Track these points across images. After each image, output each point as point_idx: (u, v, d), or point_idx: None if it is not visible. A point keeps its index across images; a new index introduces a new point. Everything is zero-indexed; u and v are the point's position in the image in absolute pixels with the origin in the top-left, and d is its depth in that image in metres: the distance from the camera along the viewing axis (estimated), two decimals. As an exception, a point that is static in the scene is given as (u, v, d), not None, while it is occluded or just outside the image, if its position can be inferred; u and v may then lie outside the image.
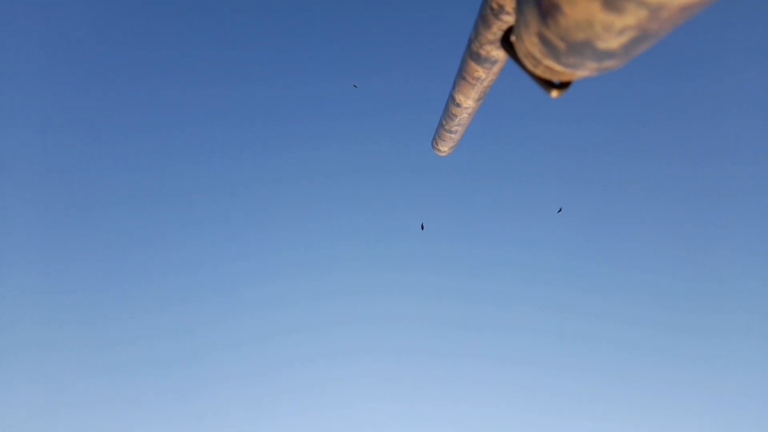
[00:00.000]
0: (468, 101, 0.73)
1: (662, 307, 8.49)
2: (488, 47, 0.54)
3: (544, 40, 0.32)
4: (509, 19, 0.46)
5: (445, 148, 1.03)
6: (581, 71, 0.34)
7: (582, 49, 0.29)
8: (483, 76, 0.63)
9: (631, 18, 0.23)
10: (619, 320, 8.70)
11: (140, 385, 8.84)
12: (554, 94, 0.40)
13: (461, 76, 0.67)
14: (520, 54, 0.40)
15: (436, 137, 1.01)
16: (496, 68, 0.60)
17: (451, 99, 0.78)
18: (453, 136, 0.93)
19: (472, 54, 0.59)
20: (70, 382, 8.52)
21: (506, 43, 0.44)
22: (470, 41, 0.57)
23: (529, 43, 0.36)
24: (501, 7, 0.45)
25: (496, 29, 0.49)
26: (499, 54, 0.56)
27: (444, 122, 0.90)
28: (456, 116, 0.82)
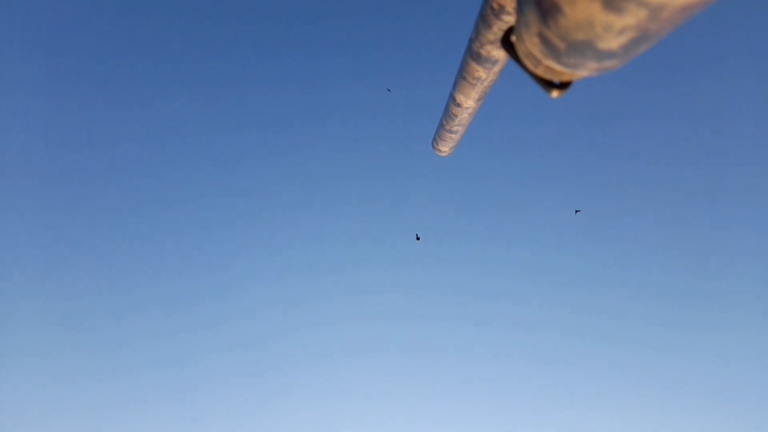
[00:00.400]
0: (468, 101, 0.73)
1: (663, 304, 8.48)
2: (489, 47, 0.54)
3: (545, 40, 0.32)
4: (510, 19, 0.46)
5: (445, 148, 1.03)
6: (581, 71, 0.34)
7: (582, 49, 0.29)
8: (483, 76, 0.63)
9: (631, 18, 0.23)
10: (620, 316, 8.69)
11: (142, 385, 8.84)
12: (554, 94, 0.40)
13: (462, 76, 0.67)
14: (521, 54, 0.40)
15: (437, 137, 1.01)
16: (496, 68, 0.61)
17: (452, 99, 0.78)
18: (453, 136, 0.93)
19: (472, 54, 0.59)
20: (72, 384, 8.54)
21: (507, 43, 0.44)
22: (471, 41, 0.57)
23: (529, 43, 0.36)
24: (501, 7, 0.45)
25: (497, 29, 0.49)
26: (499, 54, 0.56)
27: (444, 122, 0.90)
28: (456, 116, 0.82)
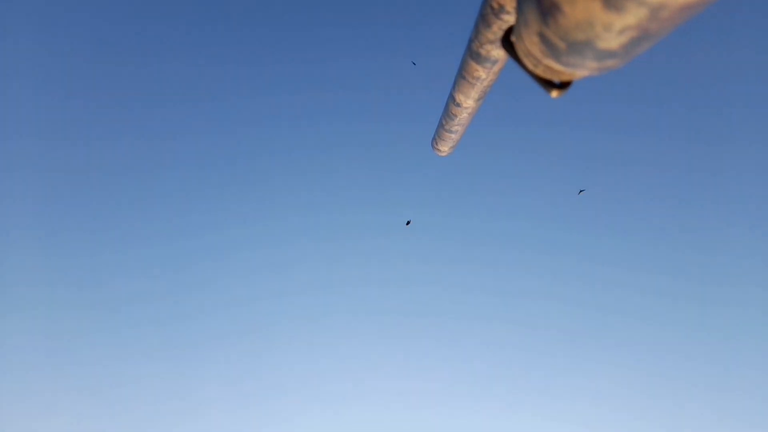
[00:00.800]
0: (468, 101, 0.73)
1: (663, 277, 8.47)
2: (488, 47, 0.54)
3: (545, 40, 0.32)
4: (510, 19, 0.46)
5: (445, 147, 1.03)
6: (581, 71, 0.34)
7: (582, 48, 0.29)
8: (483, 75, 0.63)
9: (631, 18, 0.23)
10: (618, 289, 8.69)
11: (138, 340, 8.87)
12: (554, 93, 0.40)
13: (461, 75, 0.67)
14: (521, 54, 0.40)
15: (436, 137, 1.01)
16: (496, 68, 0.60)
17: (451, 99, 0.78)
18: (453, 135, 0.93)
19: (472, 53, 0.59)
20: (69, 338, 8.59)
21: (507, 42, 0.44)
22: (470, 41, 0.57)
23: (529, 43, 0.36)
24: (501, 7, 0.45)
25: (497, 29, 0.49)
26: (499, 53, 0.56)
27: (444, 122, 0.90)
28: (456, 116, 0.82)
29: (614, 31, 0.25)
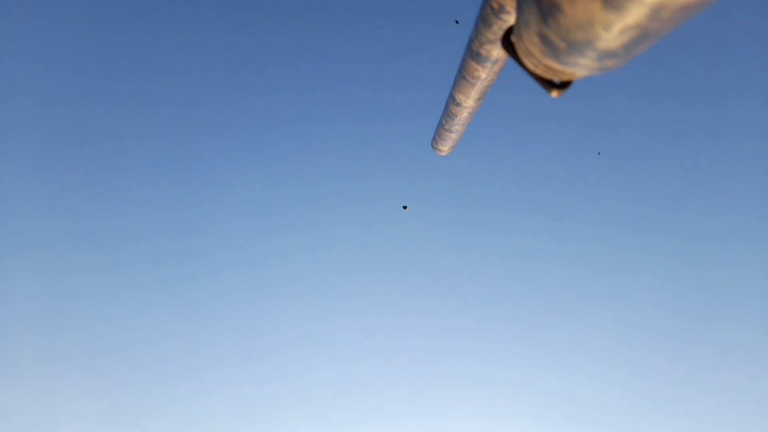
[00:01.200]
0: (468, 101, 0.73)
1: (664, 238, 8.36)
2: (488, 47, 0.54)
3: (545, 40, 0.32)
4: (510, 19, 0.46)
5: (444, 147, 1.03)
6: (582, 71, 0.34)
7: (582, 48, 0.29)
8: (483, 75, 0.63)
9: (631, 17, 0.23)
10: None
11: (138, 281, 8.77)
12: (554, 93, 0.40)
13: (461, 75, 0.67)
14: (521, 53, 0.40)
15: (436, 137, 1.01)
16: (496, 68, 0.61)
17: (451, 98, 0.78)
18: (453, 135, 0.93)
19: (472, 53, 0.59)
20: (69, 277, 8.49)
21: (507, 42, 0.44)
22: (470, 40, 0.57)
23: (529, 43, 0.36)
24: (501, 7, 0.45)
25: (497, 28, 0.49)
26: (499, 53, 0.56)
27: (444, 122, 0.90)
28: (456, 116, 0.82)
29: (614, 31, 0.25)
